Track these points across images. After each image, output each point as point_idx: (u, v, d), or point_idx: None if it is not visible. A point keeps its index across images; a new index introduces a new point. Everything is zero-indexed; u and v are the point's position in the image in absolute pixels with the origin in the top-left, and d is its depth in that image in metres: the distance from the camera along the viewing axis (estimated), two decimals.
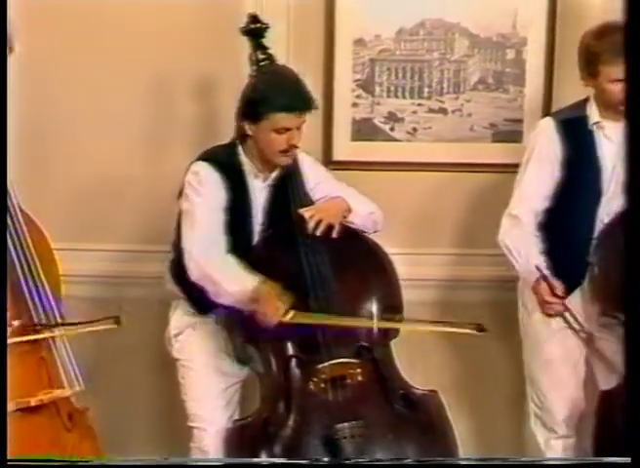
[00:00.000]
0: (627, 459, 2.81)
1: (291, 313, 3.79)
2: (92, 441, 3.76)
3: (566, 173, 4.04)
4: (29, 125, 4.41)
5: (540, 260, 4.01)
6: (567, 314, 4.03)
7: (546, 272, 3.97)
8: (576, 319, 4.01)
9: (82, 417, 3.72)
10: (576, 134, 4.05)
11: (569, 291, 4.01)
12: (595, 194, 4.03)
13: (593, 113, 4.05)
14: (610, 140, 4.04)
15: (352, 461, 3.62)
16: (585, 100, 4.08)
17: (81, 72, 4.50)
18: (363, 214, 4.10)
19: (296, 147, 3.94)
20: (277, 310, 3.77)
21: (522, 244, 4.04)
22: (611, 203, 4.00)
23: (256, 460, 3.73)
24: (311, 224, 3.95)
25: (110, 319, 3.71)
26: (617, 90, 3.91)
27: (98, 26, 4.52)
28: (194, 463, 3.23)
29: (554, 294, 3.95)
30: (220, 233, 3.91)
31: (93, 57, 4.51)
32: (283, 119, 3.86)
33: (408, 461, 3.04)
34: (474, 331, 3.90)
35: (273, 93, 3.89)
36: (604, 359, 4.14)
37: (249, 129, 3.92)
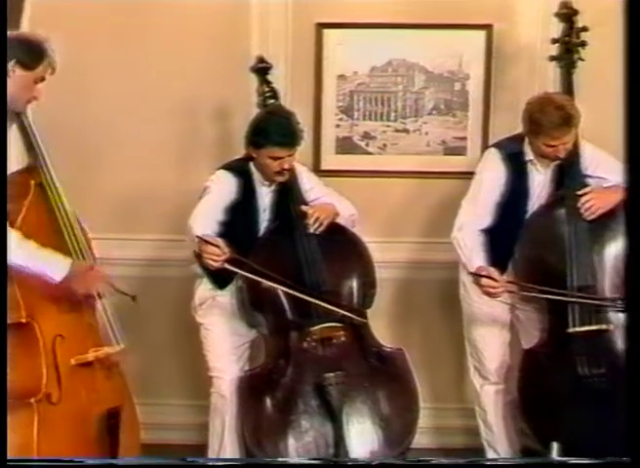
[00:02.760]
0: (627, 459, 2.61)
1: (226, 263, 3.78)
2: (124, 386, 3.77)
3: (504, 194, 4.09)
4: (84, 143, 4.50)
5: (481, 256, 4.00)
6: (505, 294, 3.98)
7: (483, 266, 3.95)
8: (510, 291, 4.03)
9: (118, 369, 3.73)
10: (515, 165, 4.09)
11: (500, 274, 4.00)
12: (522, 212, 4.10)
13: (528, 152, 4.07)
14: (539, 173, 4.09)
15: (353, 461, 3.60)
16: (523, 137, 4.08)
17: (124, 100, 4.54)
18: (346, 215, 4.19)
19: (288, 170, 4.03)
20: (217, 257, 3.74)
21: (469, 241, 4.03)
22: None
23: (257, 461, 3.74)
24: (312, 219, 4.05)
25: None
26: (549, 151, 3.99)
27: (138, 64, 4.54)
28: (192, 463, 2.90)
29: (493, 279, 3.90)
30: (218, 213, 3.97)
31: (134, 89, 4.54)
32: (276, 151, 3.98)
33: (408, 461, 2.84)
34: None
35: (271, 130, 3.99)
36: (522, 324, 4.23)
37: (252, 152, 4.05)
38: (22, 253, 3.30)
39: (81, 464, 2.80)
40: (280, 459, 3.73)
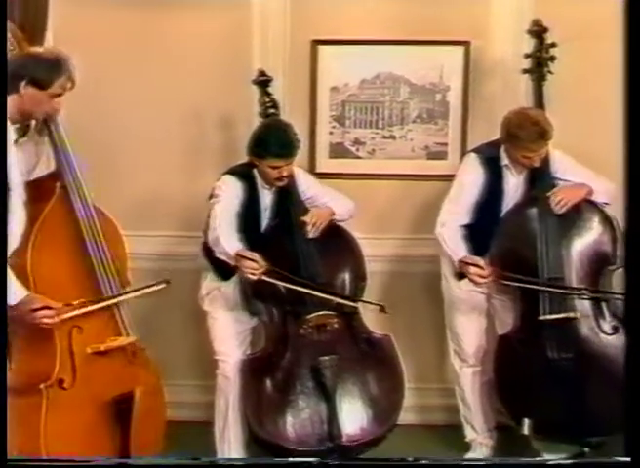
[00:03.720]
0: (627, 459, 2.52)
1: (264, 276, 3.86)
2: (149, 367, 3.82)
3: (482, 194, 4.17)
4: (103, 149, 4.50)
5: (464, 248, 4.07)
6: (491, 281, 4.01)
7: (468, 255, 4.03)
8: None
9: (142, 353, 3.81)
10: (492, 169, 4.16)
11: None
12: (498, 211, 4.17)
13: (504, 157, 4.14)
14: (514, 176, 4.17)
15: (353, 461, 3.62)
16: (500, 143, 4.14)
17: (139, 111, 4.61)
18: (344, 210, 4.27)
19: (287, 177, 4.10)
20: (255, 270, 3.85)
21: (452, 235, 4.11)
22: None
23: (259, 461, 3.74)
24: (309, 227, 4.12)
25: (161, 282, 3.76)
26: (525, 161, 4.07)
27: (151, 78, 4.59)
28: (190, 463, 2.80)
29: (480, 267, 3.97)
30: (233, 219, 4.06)
31: (148, 100, 4.60)
32: (275, 161, 4.06)
33: (408, 462, 2.66)
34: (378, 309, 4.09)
35: (270, 142, 4.06)
36: (497, 312, 4.30)
37: (254, 160, 4.14)
38: None
39: (86, 464, 2.66)
40: (282, 459, 3.72)
